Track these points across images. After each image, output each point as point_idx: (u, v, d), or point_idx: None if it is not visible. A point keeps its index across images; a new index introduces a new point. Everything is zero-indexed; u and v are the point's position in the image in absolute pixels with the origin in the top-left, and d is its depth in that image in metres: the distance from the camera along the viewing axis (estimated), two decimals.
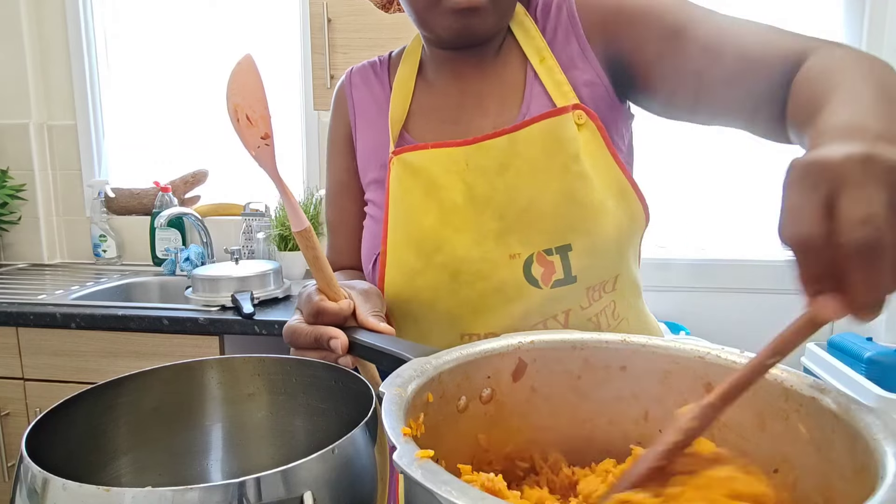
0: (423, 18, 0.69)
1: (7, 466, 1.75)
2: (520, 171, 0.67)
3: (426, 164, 0.70)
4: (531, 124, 0.67)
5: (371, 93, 0.81)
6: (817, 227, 0.32)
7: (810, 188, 0.32)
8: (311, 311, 0.59)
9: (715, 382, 0.47)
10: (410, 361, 0.48)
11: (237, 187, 2.27)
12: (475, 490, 0.30)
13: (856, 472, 0.36)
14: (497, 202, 0.68)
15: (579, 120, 0.67)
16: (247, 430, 0.66)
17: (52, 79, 2.27)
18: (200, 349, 1.61)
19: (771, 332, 0.38)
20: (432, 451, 0.34)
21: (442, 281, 0.69)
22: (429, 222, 0.69)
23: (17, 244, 2.31)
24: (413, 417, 0.43)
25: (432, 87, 0.77)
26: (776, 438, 0.43)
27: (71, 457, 0.52)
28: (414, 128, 0.76)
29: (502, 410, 0.52)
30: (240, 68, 0.56)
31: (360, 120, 0.81)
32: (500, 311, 0.68)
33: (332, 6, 1.70)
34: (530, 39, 0.72)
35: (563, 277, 0.67)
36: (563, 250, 0.66)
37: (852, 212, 0.30)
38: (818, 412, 0.40)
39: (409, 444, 0.35)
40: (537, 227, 0.67)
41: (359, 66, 0.84)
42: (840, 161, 0.32)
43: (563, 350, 0.53)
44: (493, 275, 0.67)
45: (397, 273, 0.71)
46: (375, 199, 0.77)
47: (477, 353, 0.51)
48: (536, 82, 0.71)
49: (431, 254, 0.69)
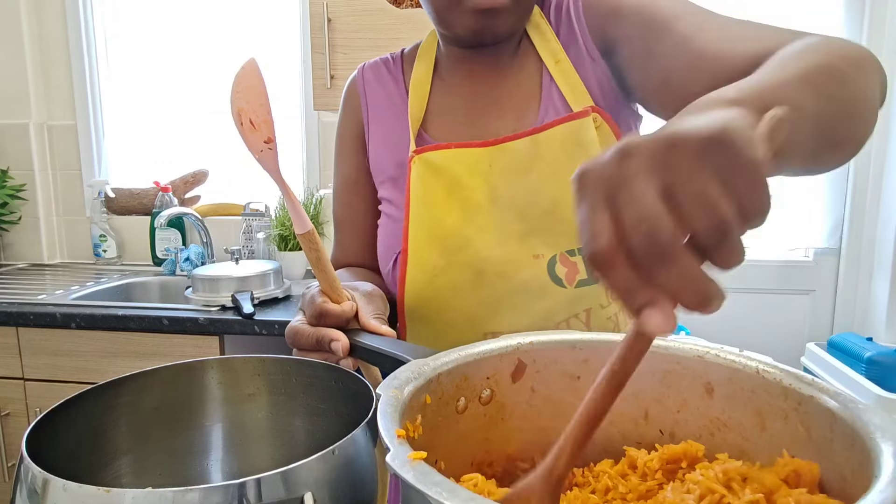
0: (443, 17, 0.69)
1: (7, 466, 1.75)
2: (542, 173, 0.68)
3: (449, 163, 0.70)
4: (553, 126, 0.68)
5: (385, 90, 0.80)
6: (606, 241, 0.28)
7: (591, 198, 0.29)
8: (313, 313, 0.59)
9: (714, 382, 0.47)
10: (409, 363, 0.48)
11: (237, 187, 2.27)
12: (465, 491, 0.30)
13: (853, 471, 0.36)
14: (520, 203, 0.68)
15: (595, 122, 0.68)
16: (247, 431, 0.66)
17: (52, 79, 2.27)
18: (200, 349, 1.61)
19: (770, 332, 0.38)
20: (425, 453, 0.34)
21: (465, 280, 0.69)
22: (451, 221, 0.69)
23: (17, 244, 2.31)
24: (410, 419, 0.43)
25: (449, 87, 0.77)
26: (776, 437, 0.43)
27: (71, 457, 0.52)
28: (432, 127, 0.76)
29: (502, 411, 0.52)
30: (244, 73, 0.56)
31: (373, 117, 0.80)
32: (523, 310, 0.68)
33: (332, 6, 1.70)
34: (546, 42, 0.73)
35: (586, 277, 0.67)
36: None
37: (626, 215, 0.27)
38: (817, 411, 0.40)
39: (402, 445, 0.35)
40: (560, 228, 0.67)
41: (371, 63, 0.83)
42: (607, 159, 0.29)
43: (562, 350, 0.53)
44: (517, 274, 0.68)
45: (419, 272, 0.71)
46: (392, 197, 0.76)
47: (476, 355, 0.51)
48: (553, 85, 0.71)
49: (455, 252, 0.69)
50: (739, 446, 0.45)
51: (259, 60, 0.57)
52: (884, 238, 1.97)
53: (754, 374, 0.45)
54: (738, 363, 0.46)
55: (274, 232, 2.00)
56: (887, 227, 1.95)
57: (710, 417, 0.47)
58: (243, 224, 2.12)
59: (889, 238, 1.94)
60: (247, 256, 2.11)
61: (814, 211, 2.08)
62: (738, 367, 0.46)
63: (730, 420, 0.46)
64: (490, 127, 0.73)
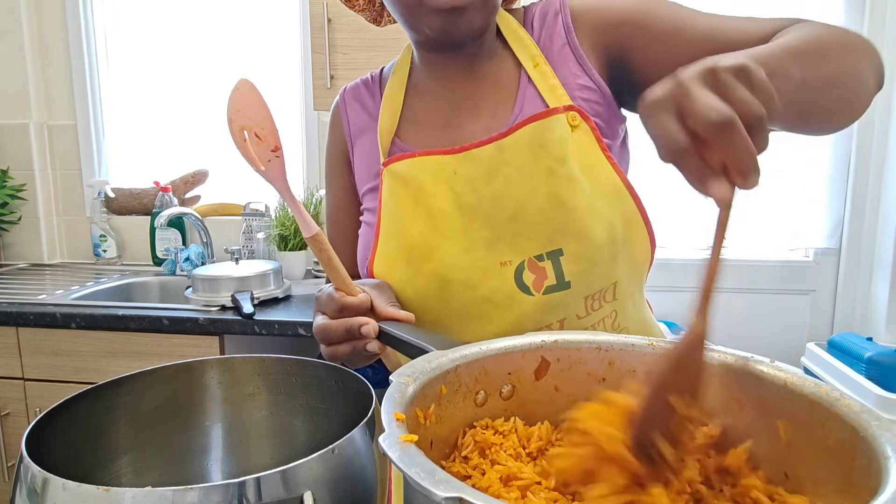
0: (409, 20, 0.69)
1: (7, 466, 1.75)
2: (508, 178, 0.67)
3: (415, 172, 0.71)
4: (519, 129, 0.68)
5: (364, 108, 0.82)
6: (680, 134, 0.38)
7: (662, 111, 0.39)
8: (335, 308, 0.61)
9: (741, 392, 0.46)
10: (429, 353, 0.49)
11: (237, 187, 2.27)
12: (442, 473, 0.31)
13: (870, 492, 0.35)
14: (485, 210, 0.68)
15: (573, 121, 0.68)
16: (247, 430, 0.66)
17: (52, 79, 2.27)
18: (200, 349, 1.60)
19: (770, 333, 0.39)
20: (416, 437, 0.35)
21: (431, 290, 0.69)
22: (417, 230, 0.70)
23: (17, 244, 2.31)
24: (423, 407, 0.43)
25: (423, 94, 0.77)
26: (800, 451, 0.42)
27: (71, 457, 0.52)
28: (406, 135, 0.76)
29: (524, 408, 0.52)
30: (238, 92, 0.57)
31: (355, 136, 0.82)
32: (490, 320, 0.68)
33: (332, 6, 1.69)
34: (524, 47, 0.73)
35: (555, 283, 0.66)
36: (555, 255, 0.66)
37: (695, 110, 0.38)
38: (841, 427, 0.39)
39: (398, 428, 0.36)
40: (526, 233, 0.66)
41: (351, 85, 0.85)
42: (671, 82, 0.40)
43: (588, 351, 0.53)
44: (483, 283, 0.67)
45: (387, 282, 0.71)
46: (370, 207, 0.77)
47: (497, 350, 0.51)
48: (530, 86, 0.71)
49: (420, 262, 0.69)
50: (765, 458, 0.44)
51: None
52: (884, 238, 1.97)
53: (782, 386, 0.44)
54: (766, 374, 0.45)
55: (274, 232, 2.00)
56: (887, 227, 1.95)
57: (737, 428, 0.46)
58: (243, 224, 2.12)
59: (889, 238, 1.94)
60: (247, 256, 2.10)
61: (814, 211, 2.08)
62: (767, 377, 0.45)
63: (755, 431, 0.45)
64: (464, 130, 0.73)
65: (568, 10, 0.73)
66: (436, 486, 0.29)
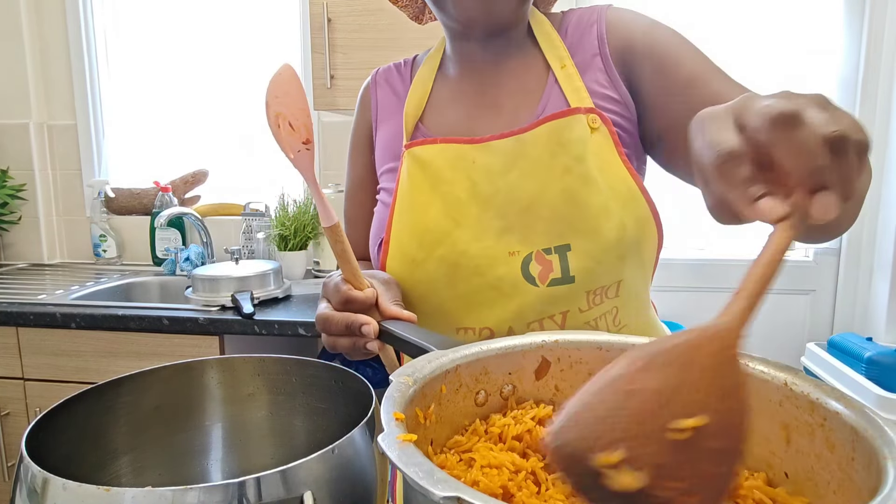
0: (442, 3, 0.71)
1: (7, 466, 1.75)
2: (524, 172, 0.69)
3: (434, 158, 0.72)
4: (540, 125, 0.69)
5: (393, 90, 0.84)
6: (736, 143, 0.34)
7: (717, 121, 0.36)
8: (340, 300, 0.62)
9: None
10: (429, 353, 0.49)
11: (237, 187, 2.27)
12: (441, 472, 0.31)
13: (870, 492, 0.35)
14: (499, 201, 0.69)
15: (594, 124, 0.69)
16: (247, 430, 0.66)
17: (52, 79, 2.27)
18: (200, 349, 1.61)
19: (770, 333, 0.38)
20: (415, 436, 0.35)
21: (441, 274, 0.70)
22: (432, 215, 0.71)
23: (17, 244, 2.31)
24: (423, 406, 0.43)
25: (451, 82, 0.79)
26: (801, 452, 0.42)
27: (71, 457, 0.52)
28: (430, 120, 0.78)
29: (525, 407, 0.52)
30: (280, 77, 0.58)
31: (381, 116, 0.83)
32: (495, 307, 0.69)
33: (332, 6, 1.70)
34: (554, 48, 0.74)
35: (560, 276, 0.67)
36: (562, 250, 0.67)
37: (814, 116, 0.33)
38: (842, 427, 0.39)
39: (398, 428, 0.36)
40: (537, 226, 0.68)
41: (385, 67, 0.87)
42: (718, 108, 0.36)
43: (589, 351, 0.53)
44: (490, 271, 0.68)
45: (398, 263, 0.72)
46: (387, 187, 0.79)
47: (497, 349, 0.51)
48: (556, 86, 0.73)
49: (433, 246, 0.70)
50: (766, 459, 0.44)
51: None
52: (884, 238, 1.97)
53: (782, 386, 0.44)
54: (767, 374, 0.45)
55: (274, 232, 2.00)
56: (887, 227, 1.95)
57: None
58: (243, 224, 2.12)
59: (889, 238, 1.94)
60: (247, 256, 2.10)
61: None
62: (767, 378, 0.45)
63: (756, 432, 0.45)
64: (486, 122, 0.74)
65: (604, 23, 0.74)
66: (434, 486, 0.29)
